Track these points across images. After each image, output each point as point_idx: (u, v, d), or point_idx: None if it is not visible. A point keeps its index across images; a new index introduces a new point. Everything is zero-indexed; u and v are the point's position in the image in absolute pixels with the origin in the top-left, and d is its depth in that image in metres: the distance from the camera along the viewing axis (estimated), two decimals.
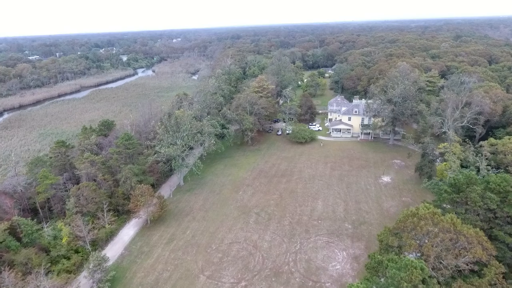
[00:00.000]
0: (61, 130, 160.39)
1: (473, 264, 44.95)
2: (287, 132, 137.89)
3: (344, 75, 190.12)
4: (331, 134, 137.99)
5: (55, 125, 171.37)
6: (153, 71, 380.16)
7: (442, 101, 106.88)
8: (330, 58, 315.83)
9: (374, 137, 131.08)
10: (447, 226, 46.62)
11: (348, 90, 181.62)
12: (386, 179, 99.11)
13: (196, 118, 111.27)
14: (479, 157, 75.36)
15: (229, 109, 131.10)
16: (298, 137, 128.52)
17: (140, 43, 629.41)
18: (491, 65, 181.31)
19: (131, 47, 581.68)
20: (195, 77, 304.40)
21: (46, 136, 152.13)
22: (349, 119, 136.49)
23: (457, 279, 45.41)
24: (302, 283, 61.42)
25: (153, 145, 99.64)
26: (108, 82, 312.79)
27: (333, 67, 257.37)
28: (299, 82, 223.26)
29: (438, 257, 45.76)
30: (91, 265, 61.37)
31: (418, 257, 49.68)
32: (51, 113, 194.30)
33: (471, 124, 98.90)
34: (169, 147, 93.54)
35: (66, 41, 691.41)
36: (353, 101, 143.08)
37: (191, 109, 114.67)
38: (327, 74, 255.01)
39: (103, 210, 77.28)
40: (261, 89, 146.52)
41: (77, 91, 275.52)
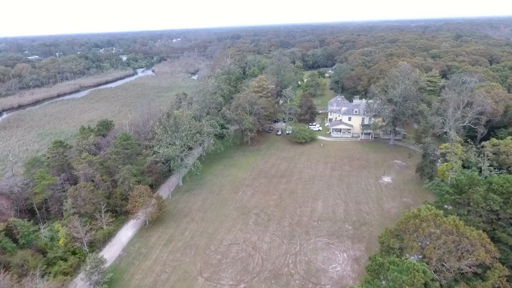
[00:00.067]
0: (60, 130, 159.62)
1: (476, 267, 44.10)
2: (287, 132, 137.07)
3: (344, 75, 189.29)
4: (331, 134, 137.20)
5: (54, 125, 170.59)
6: (153, 71, 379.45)
7: (443, 100, 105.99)
8: (330, 58, 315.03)
9: (374, 137, 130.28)
10: (449, 228, 45.77)
11: (348, 90, 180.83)
12: (387, 179, 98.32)
13: (195, 118, 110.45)
14: (481, 157, 74.49)
15: (229, 109, 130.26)
16: (298, 137, 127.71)
17: (140, 43, 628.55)
18: (492, 65, 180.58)
19: (131, 47, 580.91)
20: (194, 77, 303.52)
21: (45, 136, 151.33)
22: (350, 119, 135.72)
23: (460, 282, 44.57)
24: (302, 285, 60.60)
25: (151, 145, 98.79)
26: (107, 82, 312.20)
27: (333, 67, 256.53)
28: (299, 82, 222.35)
29: (440, 259, 44.92)
30: (88, 267, 60.58)
31: (420, 259, 48.86)
32: (50, 113, 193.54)
33: (472, 124, 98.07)
34: (167, 147, 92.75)
35: (66, 41, 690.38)
36: (354, 101, 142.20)
37: (190, 109, 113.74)
38: (327, 74, 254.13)
39: (100, 211, 76.50)
40: (260, 89, 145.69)
41: (77, 91, 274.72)
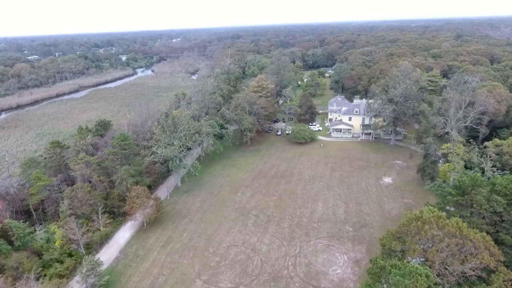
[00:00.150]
0: (58, 130, 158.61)
1: (480, 270, 43.06)
2: (286, 132, 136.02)
3: (345, 75, 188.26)
4: (332, 134, 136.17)
5: (53, 125, 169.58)
6: (152, 71, 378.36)
7: (444, 100, 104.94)
8: (330, 57, 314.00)
9: (375, 138, 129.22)
10: (452, 231, 44.72)
11: (348, 90, 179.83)
12: (388, 180, 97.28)
13: (194, 118, 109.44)
14: (483, 158, 73.43)
15: (228, 109, 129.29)
16: (298, 138, 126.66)
17: (139, 43, 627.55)
18: (493, 64, 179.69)
19: (130, 47, 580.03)
20: (194, 77, 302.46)
21: (43, 136, 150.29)
22: (350, 119, 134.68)
23: (463, 286, 43.60)
24: None
25: (150, 145, 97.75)
26: (107, 82, 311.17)
27: (333, 66, 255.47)
28: (299, 82, 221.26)
29: (443, 263, 43.87)
30: (84, 269, 59.56)
31: (422, 262, 47.84)
32: (49, 113, 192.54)
33: (474, 124, 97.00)
34: (166, 148, 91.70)
35: (65, 41, 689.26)
36: (354, 101, 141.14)
37: (189, 109, 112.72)
38: (327, 74, 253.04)
39: (97, 212, 75.43)
40: (260, 89, 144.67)
41: (76, 91, 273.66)
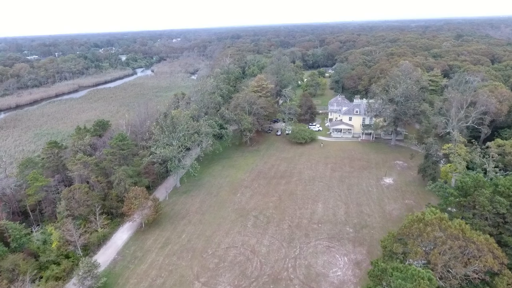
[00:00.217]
0: (57, 130, 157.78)
1: (484, 273, 42.18)
2: (286, 132, 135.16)
3: (345, 75, 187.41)
4: (332, 134, 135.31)
5: (51, 125, 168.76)
6: (152, 71, 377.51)
7: (446, 100, 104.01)
8: (330, 57, 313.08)
9: (375, 138, 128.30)
10: (455, 233, 43.86)
11: (348, 90, 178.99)
12: (388, 180, 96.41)
13: (193, 118, 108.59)
14: (486, 158, 72.52)
15: (228, 108, 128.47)
16: (298, 138, 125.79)
17: (139, 43, 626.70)
18: (493, 64, 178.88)
19: (130, 47, 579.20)
20: (194, 77, 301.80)
21: (42, 137, 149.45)
22: (350, 119, 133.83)
23: None
24: None
25: (148, 145, 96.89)
26: (106, 82, 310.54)
27: (334, 66, 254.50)
28: (299, 82, 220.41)
29: (446, 265, 43.01)
30: (81, 271, 58.77)
31: (424, 264, 47.00)
32: (48, 113, 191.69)
33: (476, 124, 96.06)
34: (164, 148, 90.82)
35: (65, 41, 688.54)
36: (354, 100, 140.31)
37: (188, 109, 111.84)
38: (327, 74, 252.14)
39: (95, 214, 74.59)
40: (260, 89, 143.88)
41: (75, 91, 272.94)
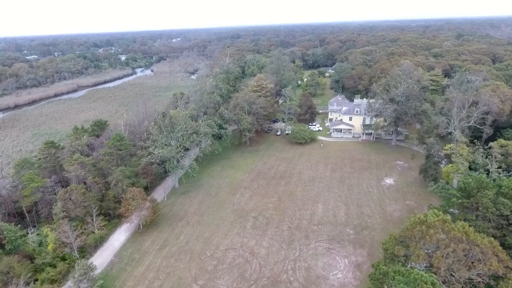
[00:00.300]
0: (55, 130, 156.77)
1: (488, 277, 41.12)
2: (286, 132, 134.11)
3: (345, 74, 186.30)
4: (332, 134, 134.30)
5: (50, 125, 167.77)
6: (152, 70, 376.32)
7: (447, 100, 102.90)
8: (330, 57, 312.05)
9: (376, 138, 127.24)
10: (458, 235, 42.78)
11: (349, 90, 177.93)
12: (389, 181, 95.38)
13: (192, 118, 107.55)
14: (488, 159, 71.44)
15: (227, 108, 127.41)
16: (297, 138, 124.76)
17: (139, 43, 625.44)
18: (494, 64, 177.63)
19: (130, 46, 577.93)
20: (193, 76, 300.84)
21: (40, 137, 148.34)
22: (350, 119, 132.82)
23: None
24: None
25: (147, 146, 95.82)
26: (106, 82, 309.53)
27: (334, 66, 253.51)
28: (299, 82, 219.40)
29: (449, 269, 41.94)
30: (76, 274, 57.62)
31: (426, 268, 45.95)
32: (46, 113, 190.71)
33: (478, 124, 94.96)
34: (163, 148, 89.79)
35: (65, 40, 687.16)
36: (354, 100, 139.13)
37: (186, 109, 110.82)
38: (327, 74, 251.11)
39: (92, 215, 73.54)
40: (259, 88, 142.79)
41: (74, 90, 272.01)
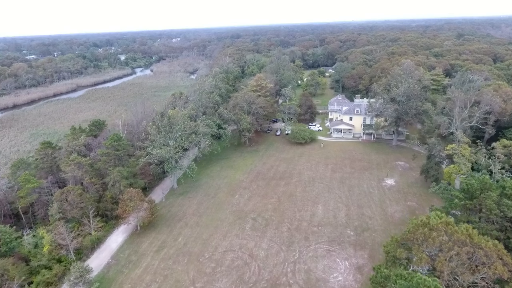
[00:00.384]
0: (54, 130, 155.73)
1: (493, 281, 40.05)
2: (286, 132, 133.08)
3: (345, 74, 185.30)
4: (332, 134, 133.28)
5: (48, 125, 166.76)
6: (151, 70, 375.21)
7: (449, 99, 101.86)
8: (331, 57, 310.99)
9: (376, 138, 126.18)
10: (462, 238, 41.73)
11: (349, 89, 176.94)
12: (390, 181, 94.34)
13: (191, 118, 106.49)
14: (491, 159, 70.41)
15: (226, 108, 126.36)
16: (297, 138, 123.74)
17: (139, 43, 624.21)
18: (496, 63, 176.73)
19: (129, 46, 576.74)
20: (193, 76, 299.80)
21: (38, 137, 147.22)
22: (351, 119, 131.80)
23: None
24: None
25: (145, 146, 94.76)
26: (105, 82, 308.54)
27: (334, 66, 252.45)
28: (299, 81, 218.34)
29: (452, 273, 40.88)
30: (72, 276, 56.84)
31: (429, 271, 44.92)
32: (45, 113, 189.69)
33: (480, 124, 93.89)
34: (161, 148, 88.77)
35: (64, 40, 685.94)
36: (355, 100, 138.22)
37: (185, 109, 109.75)
38: (327, 73, 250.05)
39: (89, 216, 72.48)
40: (259, 88, 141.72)
41: (73, 90, 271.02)
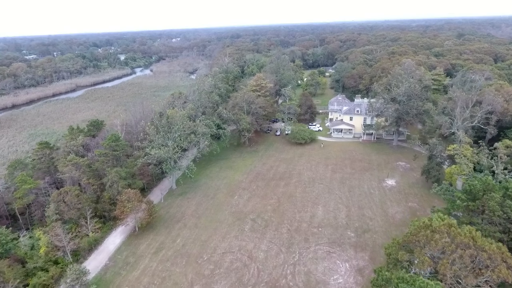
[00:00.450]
0: (52, 131, 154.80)
1: (497, 285, 39.20)
2: (286, 132, 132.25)
3: (345, 74, 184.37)
4: (332, 134, 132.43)
5: (47, 125, 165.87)
6: (151, 70, 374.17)
7: (450, 99, 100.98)
8: (331, 57, 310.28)
9: (377, 138, 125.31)
10: (465, 241, 40.86)
11: (349, 89, 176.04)
12: (391, 182, 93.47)
13: (190, 118, 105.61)
14: (494, 160, 69.52)
15: (225, 108, 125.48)
16: (297, 138, 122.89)
17: (138, 43, 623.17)
18: (496, 63, 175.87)
19: (129, 46, 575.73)
20: (193, 76, 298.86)
21: (36, 137, 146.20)
22: (351, 119, 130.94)
23: None
24: None
25: (143, 146, 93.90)
26: (104, 82, 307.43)
27: (334, 66, 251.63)
28: (299, 81, 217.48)
29: (455, 276, 40.01)
30: (68, 279, 56.02)
31: (431, 274, 44.06)
32: (43, 113, 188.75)
33: (482, 124, 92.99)
34: (159, 149, 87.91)
35: (64, 40, 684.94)
36: (355, 100, 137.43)
37: (184, 109, 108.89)
38: (327, 73, 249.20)
39: (86, 217, 71.60)
40: (259, 88, 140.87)
41: (73, 90, 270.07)
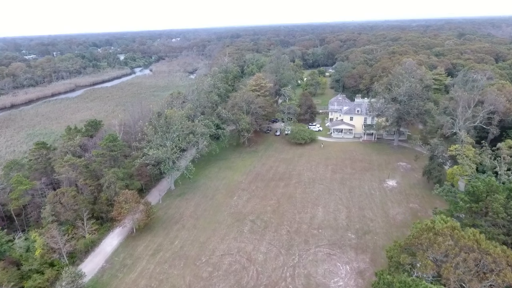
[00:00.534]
0: (50, 131, 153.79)
1: None
2: (285, 132, 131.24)
3: (346, 73, 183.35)
4: (332, 134, 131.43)
5: (45, 125, 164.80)
6: (151, 70, 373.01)
7: (451, 99, 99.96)
8: (331, 57, 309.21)
9: (377, 138, 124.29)
10: (469, 244, 39.83)
11: (349, 89, 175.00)
12: (392, 183, 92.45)
13: (189, 118, 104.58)
14: (497, 160, 68.48)
15: (225, 108, 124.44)
16: (297, 138, 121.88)
17: (138, 42, 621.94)
18: (497, 63, 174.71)
19: (129, 46, 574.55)
20: (193, 76, 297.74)
21: (34, 137, 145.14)
22: (351, 119, 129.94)
23: None
24: None
25: (141, 146, 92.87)
26: (104, 81, 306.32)
27: (334, 65, 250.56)
28: (299, 81, 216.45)
29: (459, 280, 38.99)
30: (63, 282, 54.89)
31: (434, 277, 43.02)
32: (42, 113, 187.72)
33: (484, 124, 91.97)
34: (158, 149, 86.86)
35: (64, 40, 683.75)
36: (355, 100, 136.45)
37: (183, 108, 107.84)
38: (327, 73, 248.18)
39: (82, 219, 70.58)
40: (258, 88, 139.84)
41: (72, 90, 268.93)
